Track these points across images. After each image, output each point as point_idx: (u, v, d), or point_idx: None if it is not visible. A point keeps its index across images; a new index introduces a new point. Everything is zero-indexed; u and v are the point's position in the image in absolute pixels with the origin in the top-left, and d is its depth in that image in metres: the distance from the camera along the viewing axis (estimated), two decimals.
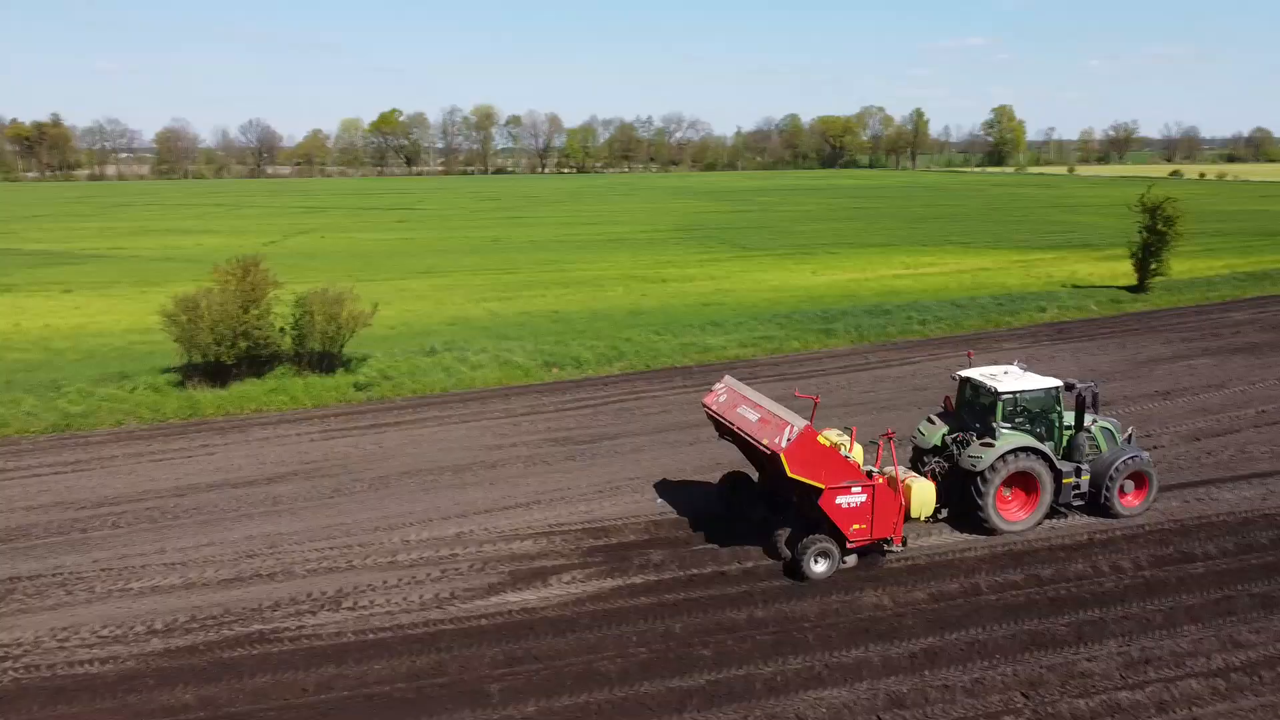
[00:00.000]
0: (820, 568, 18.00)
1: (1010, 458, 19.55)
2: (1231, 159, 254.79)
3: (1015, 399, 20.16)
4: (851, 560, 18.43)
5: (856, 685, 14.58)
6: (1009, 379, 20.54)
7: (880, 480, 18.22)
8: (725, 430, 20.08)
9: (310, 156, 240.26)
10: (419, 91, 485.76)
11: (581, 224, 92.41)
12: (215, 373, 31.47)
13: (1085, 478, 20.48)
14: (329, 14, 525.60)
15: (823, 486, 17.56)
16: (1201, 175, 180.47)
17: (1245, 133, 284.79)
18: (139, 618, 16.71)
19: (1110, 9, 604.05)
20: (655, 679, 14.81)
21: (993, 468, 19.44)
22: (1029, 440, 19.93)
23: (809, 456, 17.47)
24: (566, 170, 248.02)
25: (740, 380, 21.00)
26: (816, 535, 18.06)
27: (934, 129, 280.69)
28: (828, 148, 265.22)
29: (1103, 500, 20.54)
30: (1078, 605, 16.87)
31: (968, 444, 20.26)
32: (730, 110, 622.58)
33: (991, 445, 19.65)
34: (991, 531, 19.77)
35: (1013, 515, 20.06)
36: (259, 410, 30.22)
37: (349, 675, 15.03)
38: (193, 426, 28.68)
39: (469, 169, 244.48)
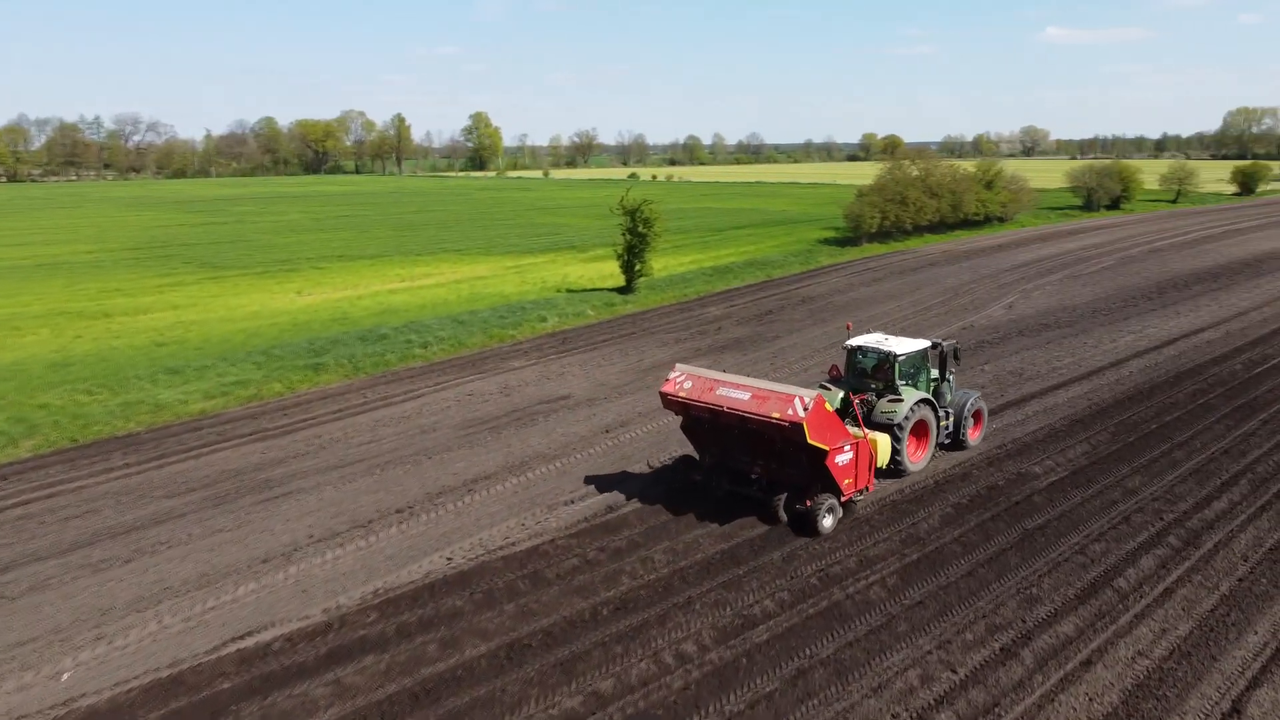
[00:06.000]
0: (829, 522, 19.79)
1: (917, 408, 22.61)
2: (673, 162, 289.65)
3: (906, 359, 23.28)
4: (839, 511, 20.29)
5: None
6: (896, 343, 23.53)
7: (855, 439, 20.28)
8: (697, 414, 21.01)
9: None
10: None
11: (3, 245, 74.55)
12: None
13: (951, 419, 24.18)
14: None
15: (828, 448, 19.21)
16: (654, 177, 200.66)
17: (681, 140, 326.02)
18: None
19: (570, 31, 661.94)
20: None
21: (908, 417, 22.28)
22: (925, 394, 23.28)
23: (821, 422, 19.03)
24: None
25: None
26: (825, 495, 19.75)
27: (417, 134, 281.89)
28: (310, 153, 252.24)
29: (960, 436, 24.36)
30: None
31: (874, 404, 22.74)
32: (198, 112, 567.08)
33: (900, 400, 22.52)
34: (902, 473, 22.61)
35: (916, 457, 23.20)
36: None
37: None
38: None
39: None
